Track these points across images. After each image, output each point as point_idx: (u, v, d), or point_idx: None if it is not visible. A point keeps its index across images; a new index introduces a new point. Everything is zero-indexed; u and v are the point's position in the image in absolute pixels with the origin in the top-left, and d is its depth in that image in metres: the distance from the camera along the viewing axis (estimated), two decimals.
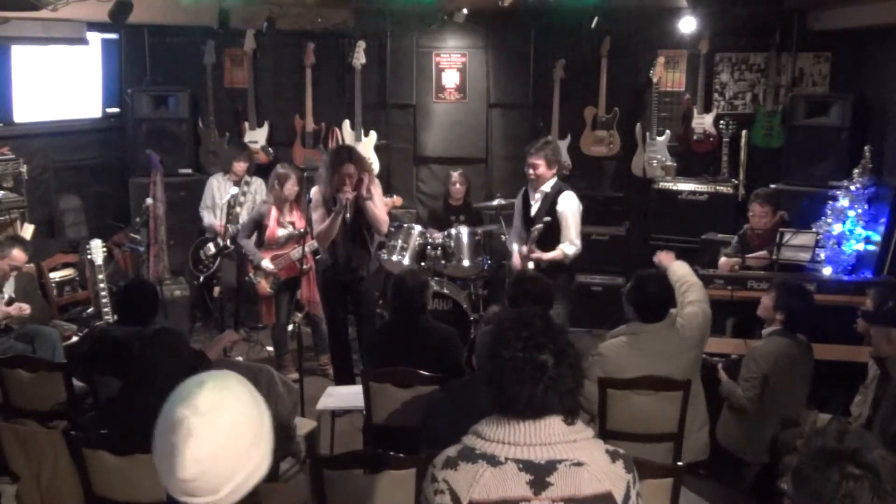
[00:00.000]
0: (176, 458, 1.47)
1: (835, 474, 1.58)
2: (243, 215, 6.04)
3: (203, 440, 1.47)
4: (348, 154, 4.86)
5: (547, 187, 5.04)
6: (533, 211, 5.12)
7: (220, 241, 6.10)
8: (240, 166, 6.26)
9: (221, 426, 1.50)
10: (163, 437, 1.51)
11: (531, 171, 5.03)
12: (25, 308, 4.98)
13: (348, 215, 4.88)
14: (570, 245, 4.94)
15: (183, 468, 1.47)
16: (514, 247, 5.27)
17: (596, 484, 1.75)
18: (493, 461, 1.75)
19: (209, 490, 1.50)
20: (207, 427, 1.48)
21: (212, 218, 6.37)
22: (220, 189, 6.34)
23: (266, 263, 5.53)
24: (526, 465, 1.74)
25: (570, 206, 4.95)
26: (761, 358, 3.96)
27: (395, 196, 6.37)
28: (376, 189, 5.02)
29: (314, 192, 5.00)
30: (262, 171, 6.67)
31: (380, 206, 5.03)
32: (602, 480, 1.76)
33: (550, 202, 5.00)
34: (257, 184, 6.34)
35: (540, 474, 1.74)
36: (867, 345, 4.08)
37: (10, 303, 4.98)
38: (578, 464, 1.75)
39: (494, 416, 1.82)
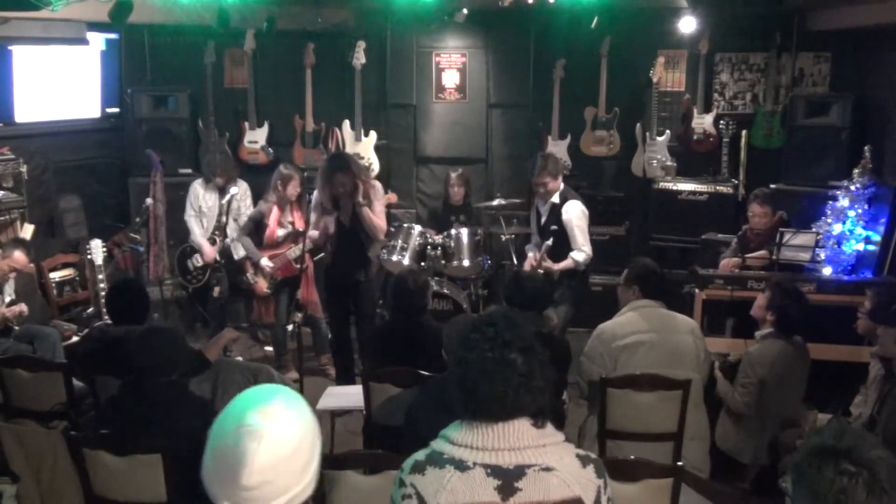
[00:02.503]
0: (244, 464, 1.46)
1: (830, 471, 1.59)
2: (231, 225, 5.93)
3: (271, 450, 1.48)
4: (340, 163, 4.87)
5: (555, 198, 5.15)
6: (542, 220, 5.25)
7: (206, 258, 5.98)
8: (219, 181, 6.00)
9: (290, 439, 1.51)
10: (231, 441, 1.49)
11: (541, 190, 5.16)
12: (24, 309, 5.00)
13: (345, 221, 4.94)
14: (579, 252, 5.05)
15: (250, 475, 1.46)
16: (530, 254, 5.39)
17: (565, 489, 1.73)
18: (460, 466, 1.73)
19: (263, 501, 1.50)
20: (277, 438, 1.49)
21: (199, 235, 6.06)
22: (205, 197, 6.09)
23: (265, 262, 5.53)
24: (494, 471, 1.72)
25: (574, 214, 5.06)
26: (757, 363, 3.97)
27: (390, 192, 6.36)
28: (375, 195, 5.05)
29: (315, 195, 5.07)
30: (262, 171, 6.67)
31: (379, 212, 5.07)
32: (571, 485, 1.74)
33: (557, 212, 5.11)
34: (242, 189, 6.12)
35: (508, 479, 1.72)
36: (867, 345, 4.08)
37: (12, 304, 5.00)
38: (547, 469, 1.74)
39: (464, 421, 1.80)
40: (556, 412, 2.51)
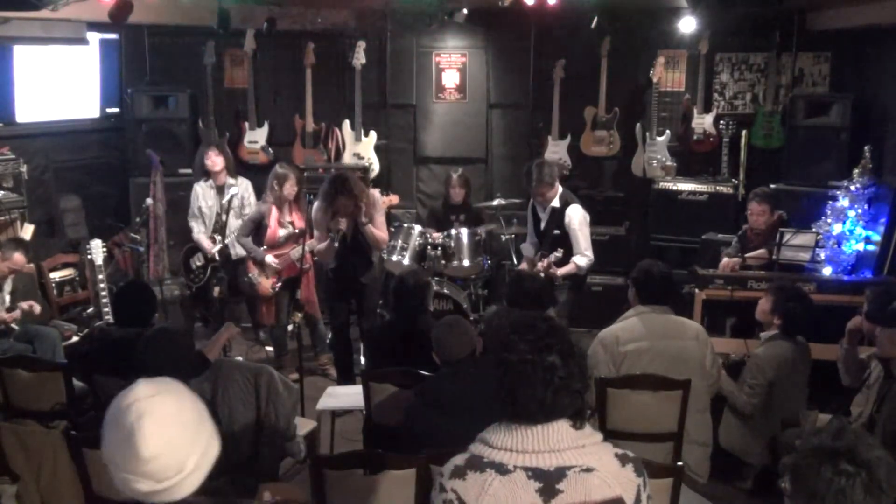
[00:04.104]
0: (136, 437, 1.54)
1: (828, 470, 1.60)
2: (232, 223, 5.94)
3: (155, 416, 1.56)
4: (342, 186, 4.87)
5: (555, 202, 5.11)
6: (542, 224, 5.22)
7: (207, 254, 6.02)
8: (211, 161, 6.02)
9: (168, 404, 1.60)
10: (116, 428, 1.58)
11: (540, 198, 5.12)
12: (32, 307, 5.02)
13: (348, 235, 5.00)
14: (581, 257, 5.02)
15: (145, 445, 1.54)
16: (526, 254, 5.37)
17: (606, 489, 1.74)
18: (501, 469, 1.73)
19: (173, 468, 1.56)
20: (155, 405, 1.58)
21: (200, 232, 6.12)
22: (204, 197, 6.13)
23: (270, 259, 5.52)
24: (535, 473, 1.72)
25: (576, 218, 5.03)
26: (766, 365, 3.97)
27: (391, 194, 6.35)
28: (375, 209, 5.08)
29: (315, 207, 5.09)
30: (262, 171, 6.67)
31: (380, 224, 5.12)
32: (612, 486, 1.74)
33: (559, 216, 5.08)
34: (244, 185, 6.18)
35: (549, 482, 1.71)
36: (867, 345, 4.08)
37: (10, 309, 4.99)
38: (588, 469, 1.74)
39: (502, 424, 1.80)
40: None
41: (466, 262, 6.14)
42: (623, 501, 1.75)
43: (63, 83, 6.61)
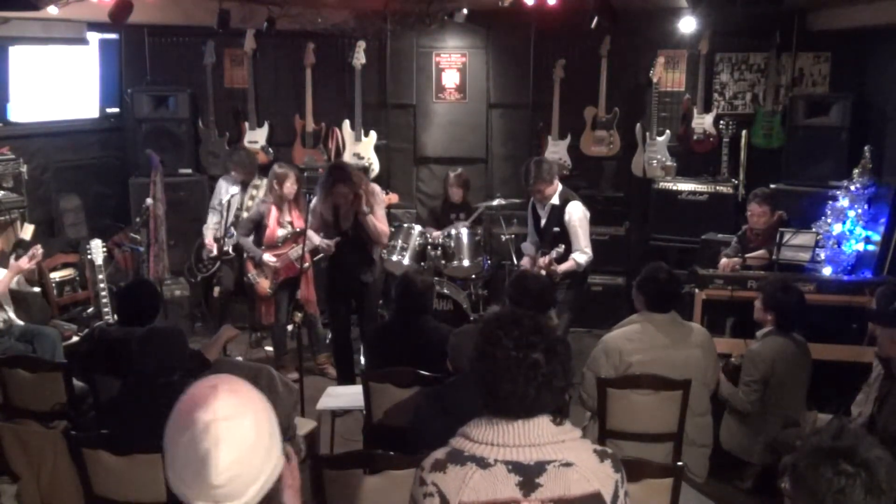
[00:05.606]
0: (209, 465, 1.45)
1: (828, 471, 1.60)
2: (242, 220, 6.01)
3: (232, 444, 1.47)
4: (340, 174, 4.87)
5: (555, 199, 5.10)
6: (542, 222, 5.21)
7: (205, 247, 6.10)
8: (236, 176, 6.22)
9: (246, 429, 1.50)
10: (189, 446, 1.47)
11: (538, 195, 5.11)
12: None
13: (349, 231, 4.99)
14: (581, 254, 5.00)
15: (217, 474, 1.45)
16: (528, 253, 5.37)
17: (585, 484, 1.75)
18: (481, 463, 1.74)
19: (238, 494, 1.49)
20: (234, 431, 1.48)
21: (209, 226, 6.28)
22: (227, 191, 6.26)
23: (268, 257, 5.53)
24: (515, 467, 1.74)
25: (576, 215, 5.01)
26: (759, 360, 3.97)
27: (391, 193, 6.36)
28: (376, 200, 5.08)
29: (314, 203, 5.09)
30: (262, 171, 6.66)
31: (381, 217, 5.11)
32: (591, 480, 1.76)
33: (558, 213, 5.07)
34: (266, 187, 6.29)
35: (529, 475, 1.73)
36: (868, 345, 4.08)
37: (18, 256, 4.97)
38: (567, 464, 1.75)
39: (483, 418, 1.81)
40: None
41: (466, 262, 6.14)
42: (601, 496, 1.76)
43: (63, 83, 6.61)
